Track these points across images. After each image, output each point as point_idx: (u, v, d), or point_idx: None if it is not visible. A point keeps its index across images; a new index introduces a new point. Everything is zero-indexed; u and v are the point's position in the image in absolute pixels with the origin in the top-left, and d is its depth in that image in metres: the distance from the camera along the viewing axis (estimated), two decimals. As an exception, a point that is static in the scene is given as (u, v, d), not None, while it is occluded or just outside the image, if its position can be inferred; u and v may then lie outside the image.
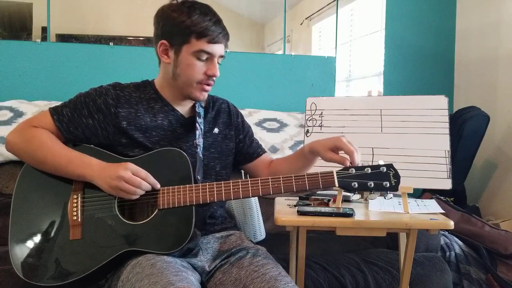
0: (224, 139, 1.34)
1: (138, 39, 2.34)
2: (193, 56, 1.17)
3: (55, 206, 1.14)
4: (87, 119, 1.19)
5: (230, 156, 1.36)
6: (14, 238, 1.12)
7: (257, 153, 1.41)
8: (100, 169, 1.12)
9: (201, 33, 1.15)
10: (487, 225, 2.00)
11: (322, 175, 1.12)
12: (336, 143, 1.16)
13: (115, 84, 1.25)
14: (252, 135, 1.43)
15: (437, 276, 1.61)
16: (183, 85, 1.22)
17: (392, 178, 1.11)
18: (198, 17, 1.15)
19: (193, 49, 1.17)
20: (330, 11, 2.64)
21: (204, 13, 1.17)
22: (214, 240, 1.26)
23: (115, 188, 1.09)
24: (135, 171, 1.10)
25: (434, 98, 1.41)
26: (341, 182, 1.11)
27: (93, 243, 1.11)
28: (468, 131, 2.27)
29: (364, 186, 1.11)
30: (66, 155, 1.15)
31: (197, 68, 1.19)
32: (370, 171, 1.11)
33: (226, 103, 1.40)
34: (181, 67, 1.19)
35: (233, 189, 1.13)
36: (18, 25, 2.18)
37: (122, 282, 1.05)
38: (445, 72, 2.78)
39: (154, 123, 1.23)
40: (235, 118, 1.39)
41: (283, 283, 1.04)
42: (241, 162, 1.41)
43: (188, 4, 1.19)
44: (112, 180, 1.09)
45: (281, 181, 1.12)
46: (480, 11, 2.61)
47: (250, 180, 1.13)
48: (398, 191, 1.13)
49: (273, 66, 2.51)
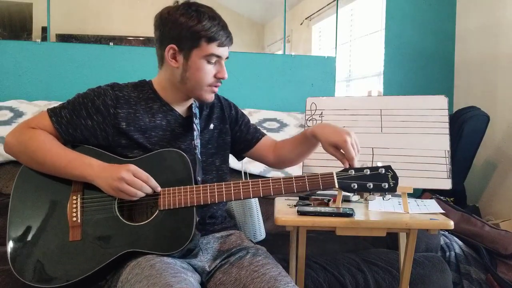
0: (220, 134, 1.35)
1: (138, 39, 2.34)
2: (203, 60, 1.19)
3: (54, 207, 1.14)
4: (86, 120, 1.19)
5: (227, 150, 1.37)
6: (12, 239, 1.11)
7: (256, 137, 1.41)
8: (101, 170, 1.11)
9: (211, 38, 1.17)
10: (487, 225, 2.00)
11: (322, 176, 1.13)
12: (340, 144, 1.16)
13: (113, 85, 1.25)
14: (248, 121, 1.44)
15: (437, 276, 1.61)
16: (192, 89, 1.22)
17: (390, 180, 1.12)
18: (207, 22, 1.16)
19: (203, 53, 1.18)
20: (330, 11, 2.64)
21: (212, 17, 1.18)
22: (214, 240, 1.26)
23: (116, 189, 1.09)
24: (137, 172, 1.10)
25: (434, 98, 1.41)
26: (340, 184, 1.13)
27: (93, 244, 1.10)
28: (468, 131, 2.27)
29: (364, 187, 1.12)
30: (65, 156, 1.14)
31: (207, 71, 1.20)
32: (369, 173, 1.13)
33: (217, 97, 1.39)
34: (191, 71, 1.19)
35: (234, 190, 1.13)
36: (18, 25, 2.18)
37: (121, 283, 1.05)
38: (445, 72, 2.78)
39: (153, 123, 1.23)
40: (228, 111, 1.39)
41: (283, 283, 1.04)
42: (243, 150, 1.42)
43: (194, 7, 1.18)
44: (113, 181, 1.08)
45: (282, 182, 1.13)
46: (480, 11, 2.61)
47: (251, 181, 1.13)
48: (396, 192, 1.13)
49: (273, 66, 2.51)
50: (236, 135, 1.39)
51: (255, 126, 1.45)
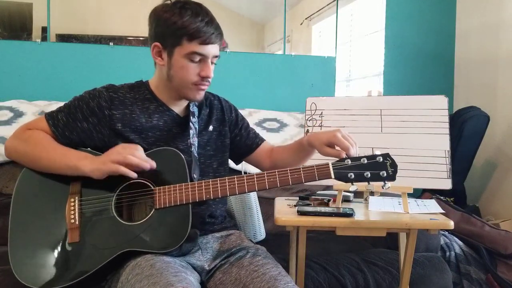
0: (219, 136, 1.34)
1: (138, 39, 2.34)
2: (185, 58, 1.15)
3: (53, 210, 1.14)
4: (82, 122, 1.19)
5: (226, 152, 1.36)
6: (13, 242, 1.12)
7: (256, 143, 1.41)
8: (95, 158, 1.12)
9: (192, 35, 1.13)
10: (487, 225, 2.00)
11: (317, 167, 1.10)
12: (331, 140, 1.14)
13: (108, 86, 1.25)
14: (247, 126, 1.43)
15: (437, 276, 1.61)
16: (178, 87, 1.21)
17: (389, 168, 1.09)
18: (189, 18, 1.13)
19: (185, 51, 1.15)
20: (330, 11, 2.64)
21: (195, 13, 1.14)
22: (213, 239, 1.26)
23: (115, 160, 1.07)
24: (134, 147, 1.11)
25: (434, 98, 1.41)
26: (337, 174, 1.09)
27: (92, 245, 1.11)
28: (468, 131, 2.27)
29: (361, 176, 1.08)
30: (61, 150, 1.16)
31: (190, 70, 1.17)
32: (366, 161, 1.09)
33: (217, 99, 1.39)
34: (175, 69, 1.18)
35: (229, 185, 1.12)
36: (18, 25, 2.18)
37: (121, 284, 1.05)
38: (445, 72, 2.78)
39: (150, 124, 1.22)
40: (229, 114, 1.38)
41: (283, 282, 1.04)
42: (243, 155, 1.42)
43: (179, 4, 1.16)
44: (112, 154, 1.08)
45: (277, 175, 1.10)
46: (480, 11, 2.61)
47: (246, 176, 1.12)
48: (395, 180, 1.10)
49: (273, 66, 2.51)
50: (236, 139, 1.39)
51: (254, 131, 1.44)
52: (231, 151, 1.39)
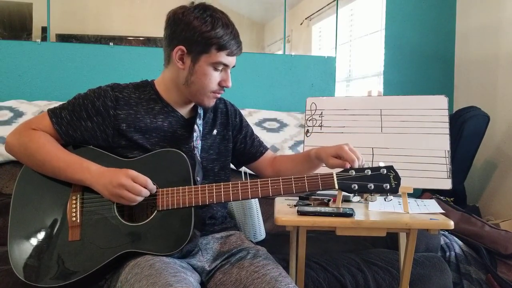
0: (223, 140, 1.34)
1: (138, 39, 2.34)
2: (210, 66, 1.18)
3: (54, 207, 1.14)
4: (86, 122, 1.18)
5: (228, 157, 1.36)
6: (13, 239, 1.12)
7: (260, 151, 1.42)
8: (99, 175, 1.11)
9: (222, 46, 1.16)
10: (487, 225, 2.00)
11: (321, 176, 1.12)
12: (338, 151, 1.17)
13: (114, 85, 1.24)
14: (252, 133, 1.43)
15: (437, 276, 1.61)
16: (195, 93, 1.21)
17: (392, 180, 1.11)
18: (220, 30, 1.15)
19: (212, 60, 1.17)
20: (330, 11, 2.64)
21: (225, 25, 1.16)
22: (214, 240, 1.26)
23: (116, 195, 1.09)
24: (136, 177, 1.08)
25: (434, 98, 1.41)
26: (340, 184, 1.12)
27: (92, 244, 1.11)
28: (468, 131, 2.27)
29: (364, 188, 1.11)
30: (64, 159, 1.14)
31: (212, 78, 1.19)
32: (370, 173, 1.12)
33: (223, 103, 1.39)
34: (197, 76, 1.18)
35: (232, 191, 1.12)
36: (18, 25, 2.18)
37: (121, 283, 1.05)
38: (445, 72, 2.78)
39: (154, 125, 1.22)
40: (233, 118, 1.39)
41: (284, 283, 1.04)
42: (245, 162, 1.42)
43: (209, 12, 1.17)
44: (113, 188, 1.08)
45: (281, 182, 1.12)
46: (480, 11, 2.61)
47: (250, 181, 1.13)
48: (398, 193, 1.13)
49: (273, 66, 2.51)
50: (240, 147, 1.39)
51: (259, 138, 1.45)
52: (234, 157, 1.39)
